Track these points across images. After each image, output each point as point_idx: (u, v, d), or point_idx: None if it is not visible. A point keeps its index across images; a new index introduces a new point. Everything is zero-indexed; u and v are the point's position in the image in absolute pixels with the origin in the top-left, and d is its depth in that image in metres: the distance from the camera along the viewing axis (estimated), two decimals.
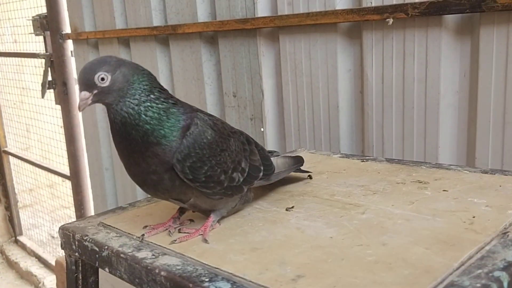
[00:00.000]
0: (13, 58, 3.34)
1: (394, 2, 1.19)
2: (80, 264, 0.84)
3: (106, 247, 0.76)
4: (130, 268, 0.71)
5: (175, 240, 0.77)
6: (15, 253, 3.53)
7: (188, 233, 0.80)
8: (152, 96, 0.76)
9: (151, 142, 0.74)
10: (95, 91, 0.75)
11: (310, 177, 1.07)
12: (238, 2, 1.56)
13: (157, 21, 1.89)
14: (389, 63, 1.25)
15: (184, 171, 0.75)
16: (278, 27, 1.47)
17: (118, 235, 0.81)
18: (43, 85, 2.55)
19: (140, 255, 0.72)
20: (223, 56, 1.67)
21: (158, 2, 1.89)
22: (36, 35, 2.59)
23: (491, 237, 0.68)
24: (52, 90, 2.63)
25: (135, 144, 0.75)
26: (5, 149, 3.56)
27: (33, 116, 3.46)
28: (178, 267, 0.67)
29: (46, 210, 3.60)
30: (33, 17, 2.55)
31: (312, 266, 0.64)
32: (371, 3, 1.23)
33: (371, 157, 1.18)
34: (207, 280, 0.62)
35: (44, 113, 3.22)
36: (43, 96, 2.60)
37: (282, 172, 0.99)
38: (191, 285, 0.62)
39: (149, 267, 0.68)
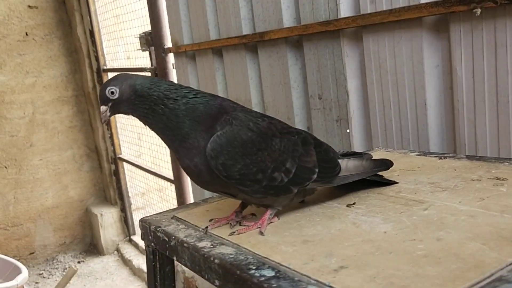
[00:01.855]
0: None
1: None
2: (157, 254, 0.91)
3: (173, 237, 0.82)
4: (192, 256, 0.76)
5: (233, 232, 0.81)
6: (129, 251, 3.85)
7: (247, 226, 0.83)
8: (167, 93, 0.82)
9: (181, 138, 0.81)
10: (109, 104, 0.84)
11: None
12: (321, 5, 1.56)
13: (246, 30, 1.96)
14: (479, 56, 1.17)
15: (218, 168, 0.79)
16: (361, 27, 1.45)
17: (186, 227, 0.87)
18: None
19: (201, 244, 0.78)
20: (308, 59, 1.69)
21: (247, 12, 1.96)
22: (143, 50, 2.83)
23: None
24: None
25: (172, 140, 0.83)
26: (120, 156, 3.91)
27: (144, 125, 3.77)
28: (231, 256, 0.71)
29: (155, 212, 3.88)
30: (139, 34, 2.79)
31: (358, 258, 0.64)
32: None
33: (450, 155, 1.11)
34: (254, 268, 0.65)
35: None
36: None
37: (351, 176, 0.93)
38: (238, 271, 0.65)
39: (205, 255, 0.73)
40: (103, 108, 0.85)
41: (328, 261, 0.64)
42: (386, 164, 0.98)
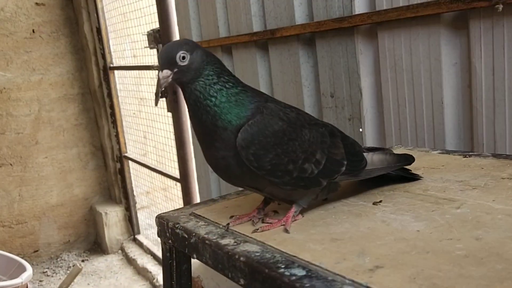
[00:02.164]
0: (132, 71, 3.66)
1: None
2: (174, 252, 0.89)
3: (194, 234, 0.80)
4: (214, 254, 0.73)
5: (257, 229, 0.79)
6: (133, 251, 3.83)
7: (270, 223, 0.81)
8: (223, 79, 0.79)
9: (219, 126, 0.77)
10: (175, 70, 0.78)
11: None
12: (335, 2, 1.54)
13: (257, 27, 1.94)
14: (500, 53, 1.14)
15: (249, 158, 0.76)
16: (376, 23, 1.42)
17: (206, 223, 0.84)
18: (156, 94, 2.74)
19: (223, 242, 0.74)
20: (320, 57, 1.66)
21: (258, 8, 1.94)
22: (151, 48, 2.81)
23: None
24: (164, 99, 2.83)
25: (206, 127, 0.78)
26: (126, 154, 3.89)
27: (150, 124, 3.75)
28: (257, 254, 0.68)
29: (160, 212, 3.86)
30: (147, 32, 2.77)
31: (393, 258, 0.61)
32: None
33: (475, 153, 1.09)
34: (283, 266, 0.62)
35: (158, 120, 3.48)
36: (156, 105, 2.79)
37: (376, 170, 0.92)
38: (267, 270, 0.62)
39: (230, 253, 0.70)
40: (167, 72, 0.78)
41: (361, 260, 0.61)
42: (408, 159, 0.97)
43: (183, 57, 0.78)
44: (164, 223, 0.89)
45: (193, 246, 0.79)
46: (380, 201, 0.83)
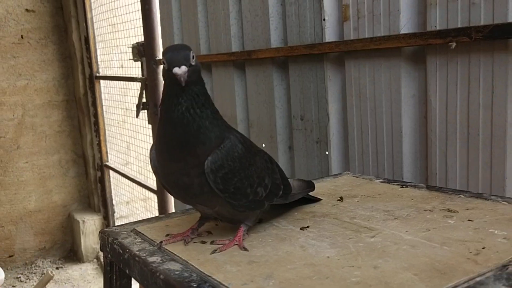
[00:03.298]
0: (118, 82, 3.70)
1: (459, 26, 1.15)
2: (114, 266, 0.92)
3: (127, 250, 0.84)
4: (141, 271, 0.77)
5: (215, 250, 0.81)
6: None
7: (223, 244, 0.84)
8: (208, 100, 0.81)
9: (200, 140, 0.78)
10: (190, 68, 0.77)
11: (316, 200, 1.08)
12: (307, 28, 1.60)
13: (235, 47, 1.99)
14: (453, 88, 1.21)
15: (216, 181, 0.79)
16: (344, 52, 1.49)
17: (142, 240, 0.88)
18: (137, 106, 2.79)
19: (151, 259, 0.79)
20: (292, 81, 1.72)
21: (237, 30, 2.00)
22: (135, 61, 2.86)
23: (489, 269, 0.65)
24: (145, 111, 2.87)
25: (183, 137, 0.78)
26: (106, 163, 3.91)
27: (133, 134, 3.78)
28: (176, 272, 0.73)
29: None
30: (132, 44, 2.82)
31: (295, 282, 0.66)
32: (436, 26, 1.21)
33: (412, 183, 1.15)
34: (195, 285, 0.68)
35: (141, 132, 3.51)
36: (137, 116, 2.84)
37: (297, 194, 1.02)
38: None
39: (153, 270, 0.75)
40: (184, 68, 0.76)
41: (266, 283, 0.66)
42: (311, 185, 1.08)
43: (193, 57, 0.78)
44: (105, 238, 0.92)
45: (126, 262, 0.83)
46: (308, 226, 0.88)
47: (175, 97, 0.78)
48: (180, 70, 0.76)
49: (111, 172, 3.93)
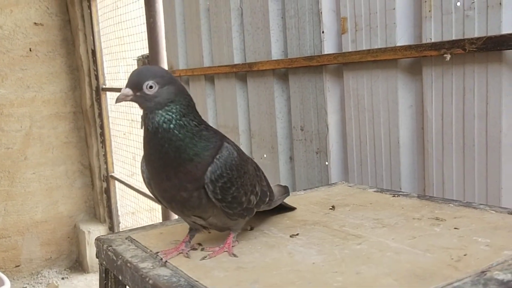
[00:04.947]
0: None
1: (453, 38, 1.17)
2: (109, 272, 0.94)
3: (120, 256, 0.86)
4: (132, 276, 0.80)
5: (205, 257, 0.84)
6: None
7: (213, 251, 0.86)
8: (185, 118, 0.80)
9: (184, 159, 0.78)
10: (138, 93, 0.79)
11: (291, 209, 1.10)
12: (307, 41, 1.63)
13: (237, 59, 2.02)
14: (448, 99, 1.22)
15: (215, 191, 0.80)
16: (342, 64, 1.51)
17: (135, 247, 0.90)
18: (142, 117, 2.82)
19: (142, 265, 0.81)
20: (292, 92, 1.74)
21: (239, 42, 2.03)
22: None
23: (467, 275, 0.66)
24: None
25: (168, 158, 0.78)
26: (112, 174, 3.94)
27: (139, 146, 3.82)
28: (165, 278, 0.75)
29: None
30: (137, 57, 2.87)
31: (279, 287, 0.68)
32: (431, 39, 1.22)
33: (404, 193, 1.16)
34: None
35: None
36: (142, 127, 2.87)
37: (278, 200, 1.04)
38: None
39: (143, 276, 0.77)
40: (128, 91, 0.78)
41: None
42: (287, 190, 1.11)
43: (151, 87, 0.78)
44: (101, 245, 0.94)
45: (119, 268, 0.85)
46: (297, 234, 0.90)
47: (148, 121, 0.80)
48: (123, 91, 0.79)
49: (116, 183, 3.96)
